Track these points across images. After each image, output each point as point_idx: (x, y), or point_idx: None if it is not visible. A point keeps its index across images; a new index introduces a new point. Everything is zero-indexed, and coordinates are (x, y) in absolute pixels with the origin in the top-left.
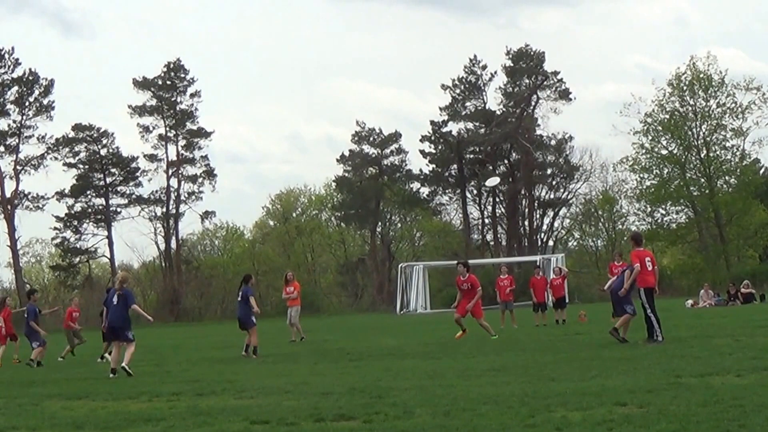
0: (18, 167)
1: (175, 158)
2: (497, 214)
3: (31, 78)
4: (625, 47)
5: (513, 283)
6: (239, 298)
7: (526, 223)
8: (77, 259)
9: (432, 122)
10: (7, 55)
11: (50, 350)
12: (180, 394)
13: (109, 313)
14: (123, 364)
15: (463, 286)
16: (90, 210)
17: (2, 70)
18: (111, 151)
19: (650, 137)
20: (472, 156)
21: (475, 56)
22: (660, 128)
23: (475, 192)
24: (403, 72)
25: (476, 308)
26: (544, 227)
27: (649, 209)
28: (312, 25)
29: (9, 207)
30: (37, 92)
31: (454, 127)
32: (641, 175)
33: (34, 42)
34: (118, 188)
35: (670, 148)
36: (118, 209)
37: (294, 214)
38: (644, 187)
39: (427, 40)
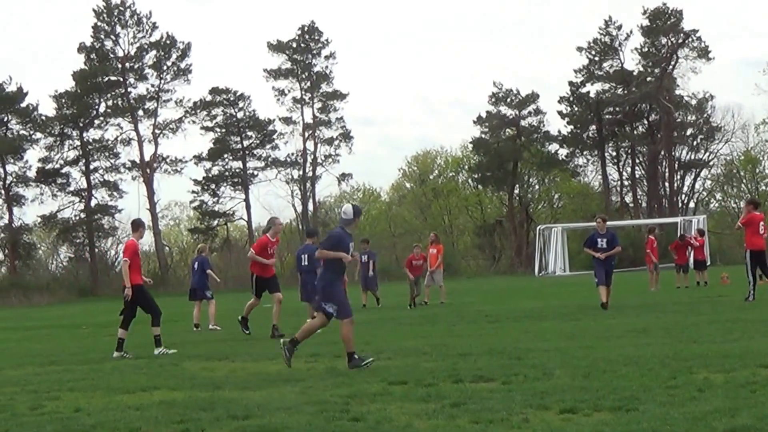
0: (156, 131)
1: (310, 121)
2: (637, 176)
3: (168, 42)
4: (762, 2)
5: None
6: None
7: (666, 184)
8: (215, 222)
9: (570, 83)
10: (145, 19)
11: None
12: (318, 356)
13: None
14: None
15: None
16: (227, 173)
17: (141, 35)
18: (247, 114)
19: None
20: (610, 117)
21: (609, 17)
22: None
23: (614, 153)
24: (532, 33)
25: None
26: (685, 189)
27: None
28: None
29: (148, 170)
30: (174, 56)
31: (591, 89)
32: None
33: (169, 5)
34: (255, 151)
35: None
36: (255, 172)
37: (431, 176)
38: None
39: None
